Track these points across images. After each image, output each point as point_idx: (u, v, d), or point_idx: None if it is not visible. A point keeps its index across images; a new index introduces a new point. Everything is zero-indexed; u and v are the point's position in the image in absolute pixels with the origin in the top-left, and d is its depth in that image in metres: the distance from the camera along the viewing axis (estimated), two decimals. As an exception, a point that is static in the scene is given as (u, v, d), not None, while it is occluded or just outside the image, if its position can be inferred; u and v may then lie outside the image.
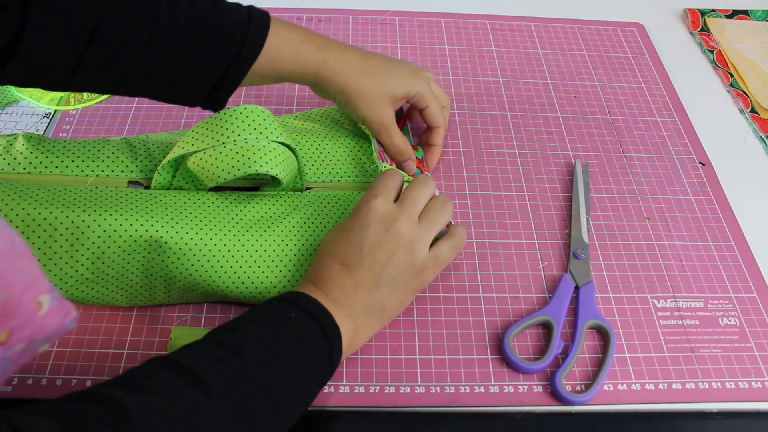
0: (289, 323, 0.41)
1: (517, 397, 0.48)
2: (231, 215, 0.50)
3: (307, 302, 0.43)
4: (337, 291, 0.45)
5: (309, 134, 0.59)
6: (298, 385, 0.40)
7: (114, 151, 0.53)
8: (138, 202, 0.48)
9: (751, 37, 0.80)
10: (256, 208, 0.51)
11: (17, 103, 0.66)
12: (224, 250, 0.48)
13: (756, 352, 0.51)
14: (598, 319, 0.51)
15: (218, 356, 0.37)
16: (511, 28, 0.79)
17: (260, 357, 0.38)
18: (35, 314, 0.30)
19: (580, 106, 0.70)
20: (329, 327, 0.42)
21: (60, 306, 0.31)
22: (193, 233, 0.47)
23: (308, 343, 0.41)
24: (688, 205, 0.61)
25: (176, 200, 0.49)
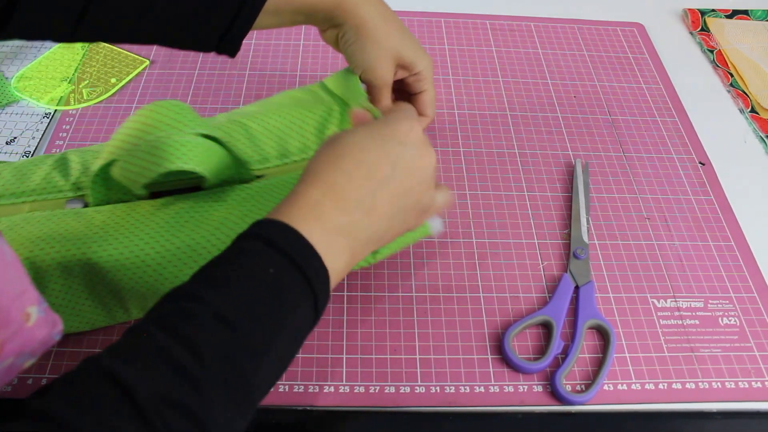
0: (271, 279, 0.36)
1: (517, 397, 0.48)
2: (164, 218, 0.47)
3: (296, 246, 0.37)
4: (347, 214, 0.39)
5: (262, 116, 0.54)
6: (282, 346, 0.36)
7: (48, 170, 0.51)
8: (70, 228, 0.46)
9: (751, 37, 0.80)
10: (194, 206, 0.48)
11: (17, 103, 0.66)
12: (158, 257, 0.45)
13: (756, 352, 0.51)
14: (598, 319, 0.51)
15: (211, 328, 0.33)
16: (511, 28, 0.79)
17: (248, 323, 0.34)
18: (24, 325, 0.29)
19: (580, 106, 0.70)
20: (316, 278, 0.37)
21: (47, 317, 0.30)
22: (124, 247, 0.44)
23: (292, 302, 0.36)
24: (688, 205, 0.61)
25: (108, 215, 0.47)
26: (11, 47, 0.71)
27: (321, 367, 0.48)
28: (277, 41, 0.75)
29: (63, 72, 0.69)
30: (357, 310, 0.52)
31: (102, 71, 0.69)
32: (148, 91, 0.67)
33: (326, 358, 0.49)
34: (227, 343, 0.33)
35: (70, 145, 0.62)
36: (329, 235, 0.38)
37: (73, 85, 0.68)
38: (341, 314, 0.51)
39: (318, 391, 0.47)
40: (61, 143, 0.62)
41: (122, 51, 0.72)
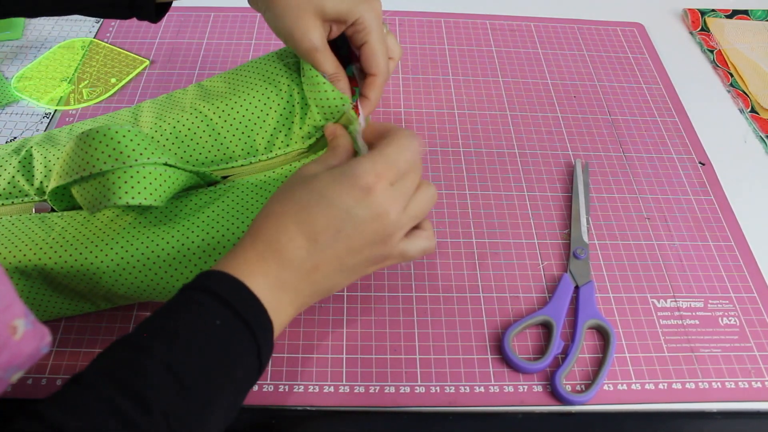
0: (218, 332, 0.35)
1: (517, 397, 0.48)
2: (121, 225, 0.46)
3: (240, 298, 0.37)
4: (290, 271, 0.38)
5: (224, 100, 0.51)
6: (228, 399, 0.36)
7: (13, 173, 0.50)
8: (30, 234, 0.46)
9: (751, 37, 0.80)
10: (153, 212, 0.47)
11: (17, 103, 0.66)
12: (113, 265, 0.44)
13: (756, 352, 0.51)
14: (598, 319, 0.51)
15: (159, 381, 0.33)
16: (511, 28, 0.79)
17: (196, 377, 0.34)
18: (10, 339, 0.29)
19: (580, 106, 0.70)
20: (260, 330, 0.37)
21: (35, 330, 0.30)
22: (79, 254, 0.44)
23: (237, 352, 0.36)
24: (688, 205, 0.61)
25: (69, 221, 0.47)
26: (11, 47, 0.71)
27: (321, 367, 0.48)
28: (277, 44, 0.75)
29: (63, 72, 0.69)
30: (357, 310, 0.52)
31: (102, 71, 0.69)
32: (148, 91, 0.67)
33: (326, 358, 0.49)
34: (175, 397, 0.32)
35: (70, 145, 0.62)
36: (274, 290, 0.38)
37: (73, 85, 0.68)
38: (341, 314, 0.51)
39: (318, 391, 0.47)
40: (61, 143, 0.62)
41: (122, 51, 0.72)
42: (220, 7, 0.78)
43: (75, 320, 0.49)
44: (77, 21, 0.75)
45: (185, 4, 0.78)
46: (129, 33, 0.74)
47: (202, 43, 0.73)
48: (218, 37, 0.74)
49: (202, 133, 0.51)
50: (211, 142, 0.51)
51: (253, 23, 0.77)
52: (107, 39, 0.73)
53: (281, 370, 0.48)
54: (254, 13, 0.77)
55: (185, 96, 0.54)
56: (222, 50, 0.73)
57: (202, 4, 0.78)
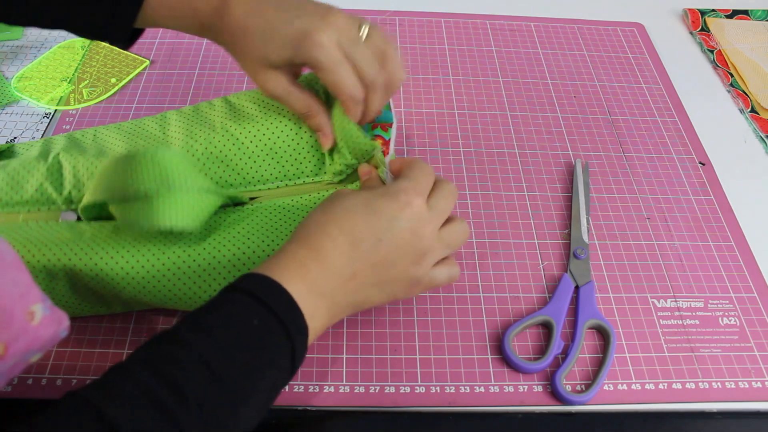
0: (255, 330, 0.36)
1: (517, 397, 0.48)
2: (150, 240, 0.46)
3: (278, 300, 0.38)
4: (329, 277, 0.40)
5: (254, 124, 0.52)
6: (260, 397, 0.36)
7: (41, 180, 0.50)
8: (60, 236, 0.46)
9: (751, 37, 0.80)
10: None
11: (17, 103, 0.66)
12: (143, 272, 0.45)
13: (756, 352, 0.51)
14: (598, 318, 0.51)
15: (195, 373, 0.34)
16: (511, 28, 0.79)
17: (230, 371, 0.35)
18: (28, 325, 0.29)
19: (580, 106, 0.70)
20: (296, 332, 0.38)
21: (53, 315, 0.30)
22: (110, 258, 0.45)
23: (271, 351, 0.37)
24: (688, 205, 0.61)
25: (98, 230, 0.47)
26: (11, 47, 0.71)
27: (321, 367, 0.48)
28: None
29: (63, 72, 0.69)
30: (357, 310, 0.52)
31: (102, 71, 0.69)
32: (148, 91, 0.67)
33: (326, 358, 0.49)
34: (210, 389, 0.33)
35: (70, 145, 0.62)
36: (312, 295, 0.39)
37: (73, 85, 0.68)
38: (341, 314, 0.51)
39: (318, 391, 0.47)
40: (61, 143, 0.62)
41: (122, 51, 0.72)
42: (220, 7, 0.78)
43: (75, 320, 0.49)
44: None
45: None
46: (129, 33, 0.74)
47: (202, 43, 0.73)
48: (218, 37, 0.74)
49: (233, 156, 0.51)
50: (242, 165, 0.51)
51: (253, 23, 0.76)
52: (107, 39, 0.73)
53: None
54: (254, 13, 0.77)
55: (213, 112, 0.54)
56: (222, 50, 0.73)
57: (202, 4, 0.78)
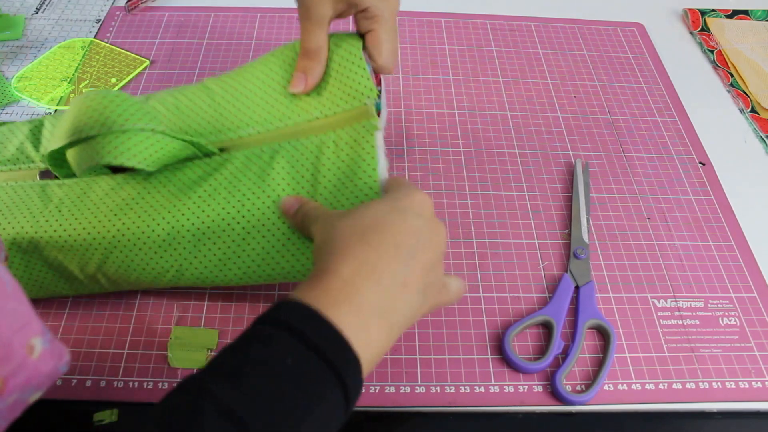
0: (290, 371, 0.31)
1: (517, 397, 0.48)
2: (114, 201, 0.46)
3: (320, 332, 0.33)
4: (383, 290, 0.35)
5: (234, 75, 0.50)
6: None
7: (22, 139, 0.52)
8: (29, 204, 0.47)
9: (751, 37, 0.80)
10: (147, 187, 0.46)
11: (17, 103, 0.66)
12: (103, 241, 0.45)
13: (756, 352, 0.51)
14: (599, 318, 0.51)
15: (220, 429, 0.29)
16: (511, 28, 0.79)
17: (262, 422, 0.30)
18: (27, 359, 0.28)
19: (580, 106, 0.70)
20: (345, 366, 0.32)
21: (53, 348, 0.29)
22: (72, 229, 0.45)
23: (315, 395, 0.31)
24: (688, 205, 0.61)
25: (67, 192, 0.47)
26: (11, 47, 0.71)
27: (321, 367, 0.48)
28: (277, 44, 0.75)
29: (63, 72, 0.69)
30: (357, 310, 0.51)
31: (102, 71, 0.69)
32: (148, 91, 0.67)
33: (326, 358, 0.49)
34: None
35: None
36: (363, 316, 0.34)
37: (73, 85, 0.68)
38: (341, 314, 0.51)
39: (318, 391, 0.47)
40: (61, 143, 0.62)
41: (122, 51, 0.72)
42: (220, 7, 0.78)
43: (75, 320, 0.50)
44: (77, 21, 0.75)
45: (186, 4, 0.78)
46: (129, 33, 0.74)
47: (202, 43, 0.73)
48: (218, 37, 0.74)
49: (202, 104, 0.49)
50: (210, 112, 0.49)
51: (253, 23, 0.77)
52: (107, 39, 0.73)
53: None
54: (254, 13, 0.78)
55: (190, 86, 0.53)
56: (222, 50, 0.73)
57: (202, 4, 0.78)
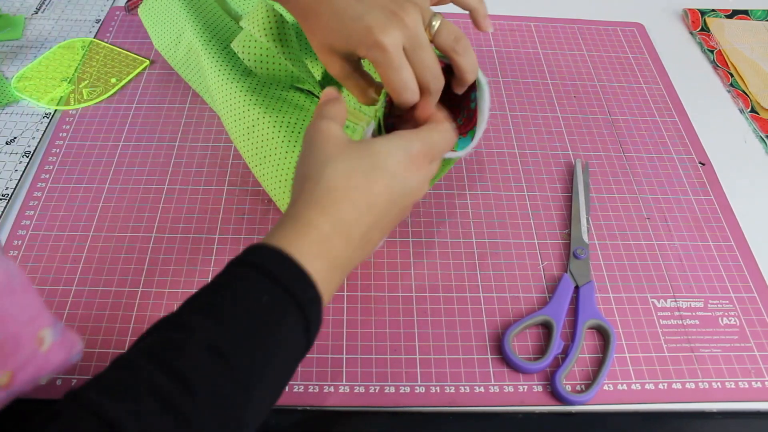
0: (264, 308, 0.34)
1: (517, 397, 0.48)
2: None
3: (293, 277, 0.35)
4: (352, 249, 0.38)
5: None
6: (274, 378, 0.35)
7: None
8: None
9: (751, 37, 0.80)
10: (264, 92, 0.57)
11: (17, 103, 0.66)
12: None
13: (756, 352, 0.51)
14: (598, 319, 0.51)
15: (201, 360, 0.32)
16: (511, 28, 0.79)
17: (240, 355, 0.33)
18: (37, 351, 0.28)
19: (580, 106, 0.70)
20: (309, 304, 0.36)
21: (63, 340, 0.29)
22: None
23: (284, 328, 0.35)
24: (688, 205, 0.61)
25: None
26: (11, 47, 0.71)
27: (321, 367, 0.48)
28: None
29: (63, 72, 0.69)
30: (357, 310, 0.52)
31: (102, 71, 0.69)
32: (148, 91, 0.67)
33: (326, 358, 0.49)
34: (219, 378, 0.32)
35: (70, 145, 0.62)
36: (331, 270, 0.37)
37: (73, 85, 0.67)
38: (341, 314, 0.51)
39: (318, 391, 0.47)
40: (61, 143, 0.62)
41: (122, 51, 0.72)
42: (220, 7, 0.78)
43: (75, 319, 0.50)
44: (77, 21, 0.75)
45: (185, 4, 0.78)
46: (129, 33, 0.74)
47: (202, 43, 0.73)
48: (218, 37, 0.74)
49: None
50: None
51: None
52: (107, 39, 0.73)
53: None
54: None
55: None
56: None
57: (202, 4, 0.78)
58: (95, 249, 0.54)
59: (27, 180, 0.59)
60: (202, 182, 0.59)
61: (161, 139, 0.63)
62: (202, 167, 0.60)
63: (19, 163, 0.60)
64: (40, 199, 0.57)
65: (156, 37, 0.66)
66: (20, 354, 0.27)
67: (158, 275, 0.53)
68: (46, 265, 0.53)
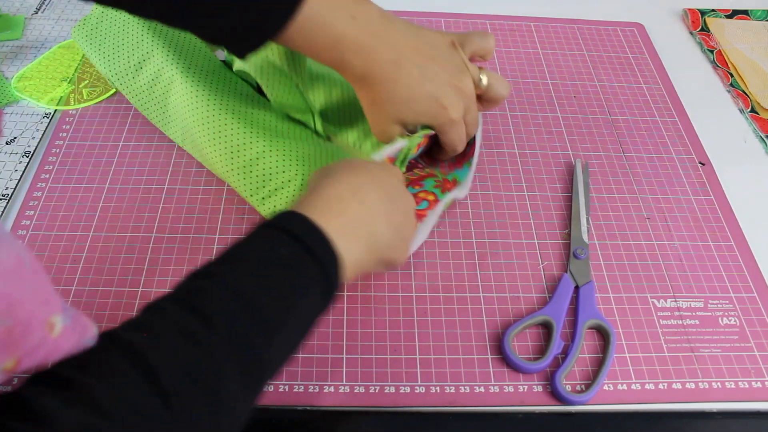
0: (284, 260, 0.37)
1: (517, 397, 0.48)
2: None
3: (310, 233, 0.38)
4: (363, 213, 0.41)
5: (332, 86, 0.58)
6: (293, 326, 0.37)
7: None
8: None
9: (751, 37, 0.80)
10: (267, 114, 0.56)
11: (17, 103, 0.66)
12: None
13: (756, 352, 0.51)
14: (598, 318, 0.51)
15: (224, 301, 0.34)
16: (511, 28, 0.79)
17: (260, 298, 0.35)
18: (47, 337, 0.27)
19: (580, 106, 0.70)
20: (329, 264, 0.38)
21: (75, 325, 0.29)
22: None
23: (304, 284, 0.37)
24: (688, 205, 0.61)
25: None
26: (11, 47, 0.71)
27: (321, 367, 0.48)
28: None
29: (63, 72, 0.69)
30: (357, 310, 0.52)
31: (102, 71, 0.69)
32: (148, 91, 0.67)
33: (326, 358, 0.49)
34: (240, 316, 0.34)
35: (70, 145, 0.62)
36: (346, 227, 0.40)
37: (73, 85, 0.68)
38: (341, 314, 0.51)
39: (318, 391, 0.47)
40: (61, 143, 0.62)
41: (122, 51, 0.72)
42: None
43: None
44: (77, 21, 0.75)
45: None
46: (129, 33, 0.74)
47: (202, 43, 0.73)
48: (218, 37, 0.74)
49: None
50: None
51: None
52: (107, 39, 0.73)
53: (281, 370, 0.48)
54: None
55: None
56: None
57: (202, 4, 0.78)
58: (95, 249, 0.54)
59: (27, 180, 0.59)
60: (202, 182, 0.59)
61: (161, 139, 0.63)
62: (202, 167, 0.60)
63: (19, 163, 0.60)
64: (40, 199, 0.57)
65: (104, 61, 0.60)
66: (30, 340, 0.27)
67: (158, 275, 0.53)
68: (46, 265, 0.53)
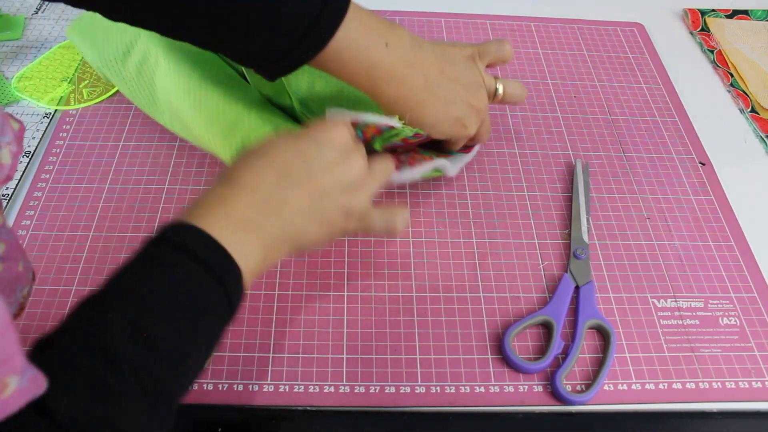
0: (183, 285, 0.35)
1: (517, 397, 0.48)
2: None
3: (206, 248, 0.36)
4: (256, 208, 0.39)
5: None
6: (198, 350, 0.36)
7: None
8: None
9: (751, 37, 0.80)
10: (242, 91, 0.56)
11: (17, 103, 0.66)
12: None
13: (756, 352, 0.51)
14: (599, 318, 0.51)
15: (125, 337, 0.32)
16: (511, 28, 0.79)
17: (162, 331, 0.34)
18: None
19: (580, 106, 0.70)
20: (228, 276, 0.36)
21: (30, 386, 0.27)
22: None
23: (204, 304, 0.36)
24: (688, 205, 0.61)
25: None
26: (11, 47, 0.71)
27: (321, 367, 0.48)
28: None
29: (63, 72, 0.69)
30: (357, 310, 0.52)
31: (102, 71, 0.69)
32: (148, 91, 0.67)
33: (326, 358, 0.49)
34: (146, 356, 0.32)
35: (70, 145, 0.62)
36: (237, 231, 0.37)
37: (73, 85, 0.68)
38: (341, 314, 0.51)
39: (318, 391, 0.47)
40: (61, 143, 0.62)
41: (122, 51, 0.72)
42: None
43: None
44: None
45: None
46: (129, 33, 0.74)
47: (202, 43, 0.73)
48: (218, 37, 0.74)
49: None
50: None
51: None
52: (107, 39, 0.73)
53: (281, 370, 0.48)
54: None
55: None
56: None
57: (202, 4, 0.78)
58: (95, 249, 0.54)
59: (27, 180, 0.59)
60: (202, 182, 0.59)
61: (161, 139, 0.63)
62: (202, 167, 0.60)
63: (20, 163, 0.60)
64: (40, 199, 0.57)
65: (97, 53, 0.60)
66: None
67: (158, 275, 0.53)
68: (46, 265, 0.53)
